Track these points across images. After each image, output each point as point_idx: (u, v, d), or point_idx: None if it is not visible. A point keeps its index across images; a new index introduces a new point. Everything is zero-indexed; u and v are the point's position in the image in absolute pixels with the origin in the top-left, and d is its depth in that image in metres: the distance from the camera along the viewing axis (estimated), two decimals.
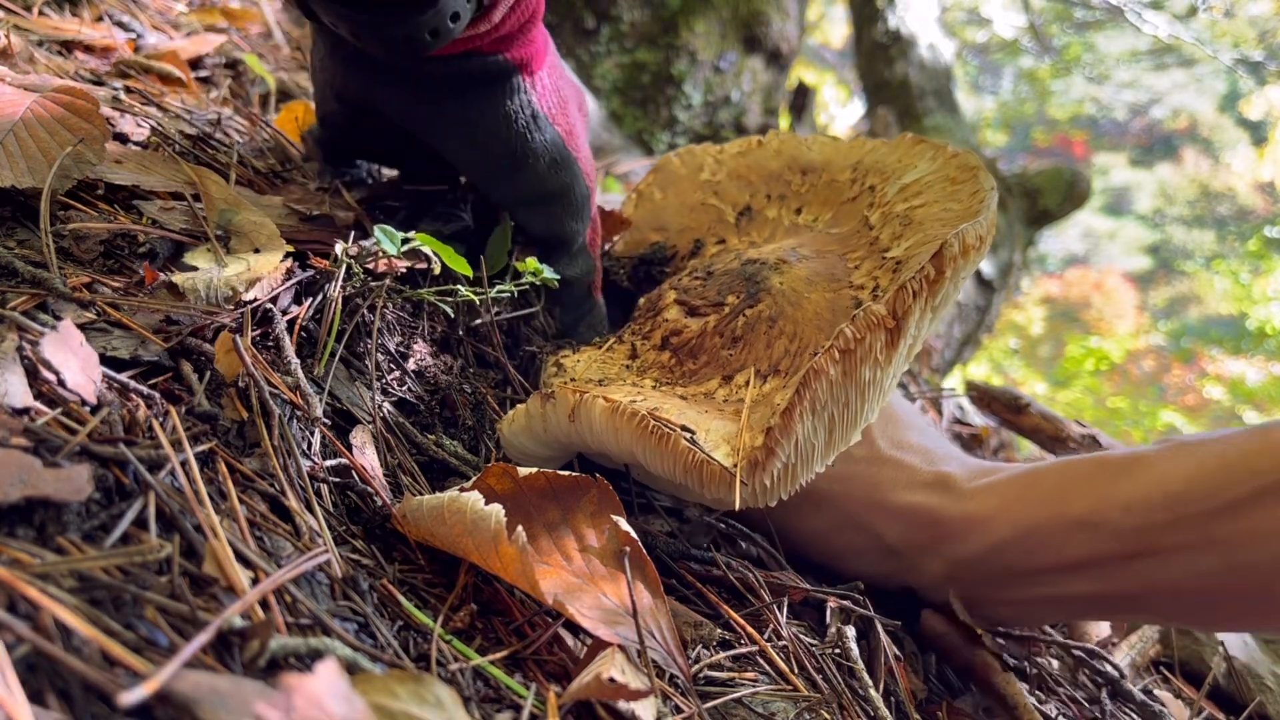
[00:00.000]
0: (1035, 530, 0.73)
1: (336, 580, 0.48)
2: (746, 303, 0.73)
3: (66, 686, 0.32)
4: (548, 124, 0.72)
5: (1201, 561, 0.67)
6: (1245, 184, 10.04)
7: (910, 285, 0.61)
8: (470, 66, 0.66)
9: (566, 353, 0.77)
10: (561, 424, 0.63)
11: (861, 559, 0.80)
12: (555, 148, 0.72)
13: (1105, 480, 0.72)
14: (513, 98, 0.69)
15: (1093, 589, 0.73)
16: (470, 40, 0.64)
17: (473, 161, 0.73)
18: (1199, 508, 0.67)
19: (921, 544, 0.78)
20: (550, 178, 0.73)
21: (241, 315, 0.60)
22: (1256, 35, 8.24)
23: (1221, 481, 0.67)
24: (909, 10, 3.47)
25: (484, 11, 0.63)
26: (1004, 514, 0.75)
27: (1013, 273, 3.00)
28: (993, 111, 10.16)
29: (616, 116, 2.31)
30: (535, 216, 0.77)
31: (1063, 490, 0.73)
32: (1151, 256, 10.76)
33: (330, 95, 0.74)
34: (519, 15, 0.66)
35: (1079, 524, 0.71)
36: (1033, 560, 0.73)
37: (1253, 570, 0.66)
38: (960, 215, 0.70)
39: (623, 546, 0.55)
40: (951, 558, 0.77)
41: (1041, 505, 0.74)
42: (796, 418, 0.58)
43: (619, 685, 0.45)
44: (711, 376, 0.71)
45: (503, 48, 0.67)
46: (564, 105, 0.74)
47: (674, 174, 0.94)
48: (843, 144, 0.89)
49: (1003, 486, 0.76)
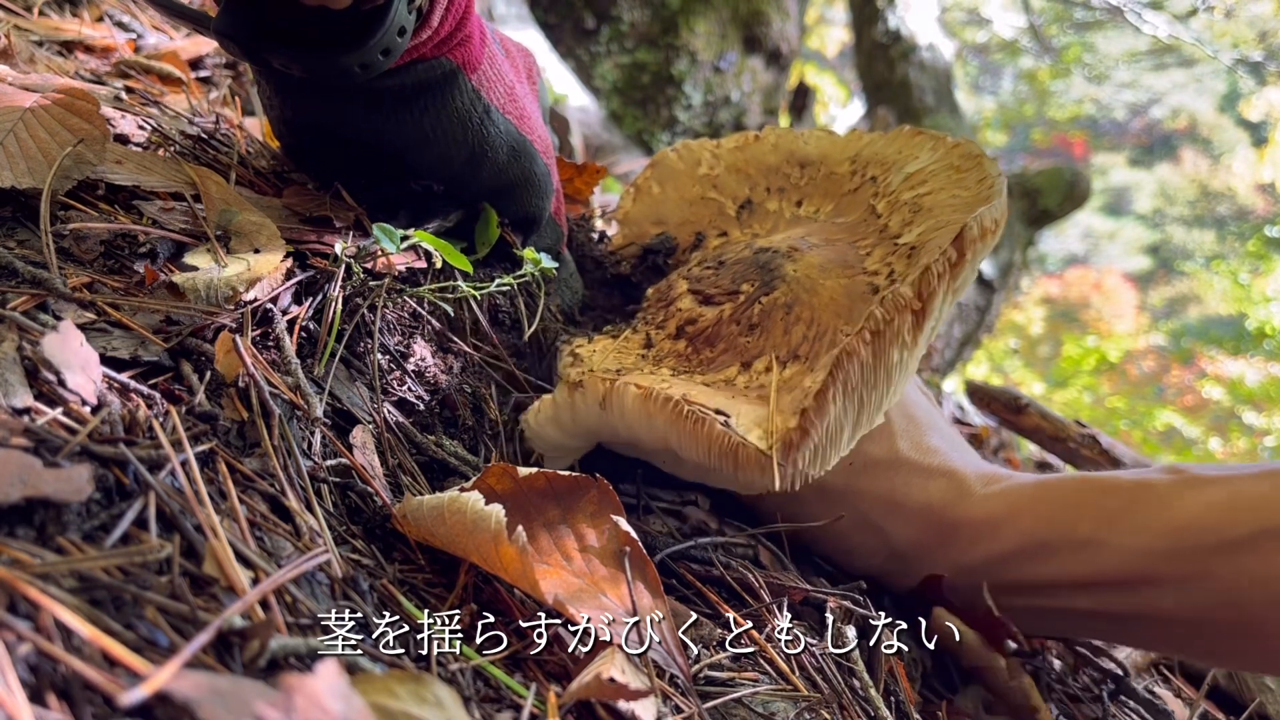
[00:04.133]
0: (1042, 545, 0.75)
1: (336, 580, 0.48)
2: (762, 290, 0.74)
3: (66, 686, 0.32)
4: (500, 115, 0.72)
5: (1196, 594, 0.69)
6: (1245, 184, 10.04)
7: (935, 267, 0.62)
8: (417, 75, 0.67)
9: (581, 342, 0.78)
10: (592, 412, 0.63)
11: (872, 558, 0.81)
12: (510, 136, 0.73)
13: (1114, 504, 0.74)
14: (462, 98, 0.69)
15: (1091, 606, 0.75)
16: (414, 49, 0.65)
17: (435, 164, 0.73)
18: (1201, 542, 0.69)
19: (930, 546, 0.79)
20: (511, 166, 0.75)
21: (241, 315, 0.60)
22: (1256, 35, 8.24)
23: (1225, 519, 0.68)
24: (909, 10, 3.47)
25: (424, 19, 0.63)
26: (1012, 524, 0.76)
27: (1013, 273, 3.00)
28: (993, 112, 10.17)
29: (616, 116, 2.31)
30: (503, 204, 0.78)
31: (1072, 509, 0.75)
32: (1151, 256, 10.77)
33: (285, 130, 0.75)
34: (453, 14, 0.66)
35: (1084, 543, 0.73)
36: (1036, 572, 0.75)
37: (1245, 608, 0.68)
38: (970, 201, 0.70)
39: (623, 546, 0.55)
40: (959, 563, 0.78)
41: (1050, 521, 0.75)
42: (830, 399, 0.59)
43: (619, 685, 0.45)
44: (730, 364, 0.71)
45: (444, 50, 0.67)
46: (511, 92, 0.74)
47: (671, 169, 0.95)
48: (839, 138, 0.89)
49: (1014, 496, 0.77)
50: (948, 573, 0.78)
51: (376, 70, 0.62)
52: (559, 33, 2.32)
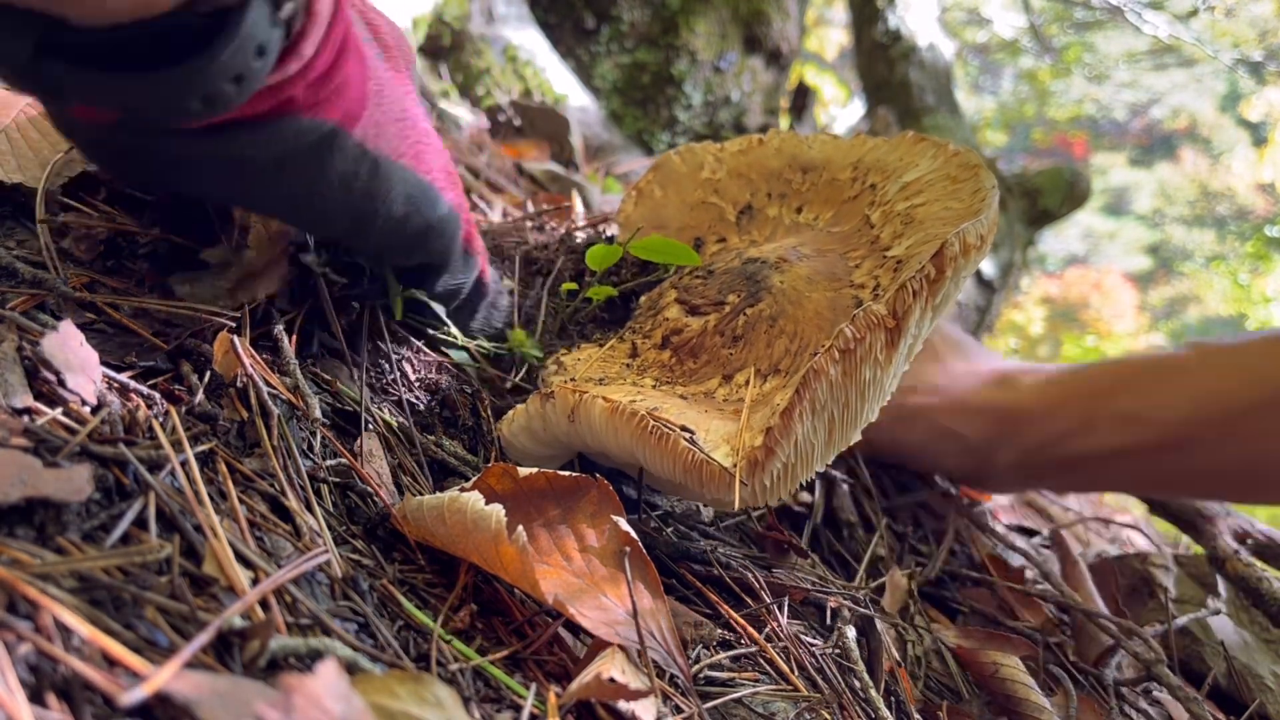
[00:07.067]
0: (1089, 421, 0.92)
1: (336, 580, 0.48)
2: (747, 301, 0.73)
3: (66, 686, 0.32)
4: (392, 165, 0.58)
5: (1224, 453, 0.85)
6: (1245, 184, 10.04)
7: (910, 285, 0.61)
8: (285, 138, 0.51)
9: (565, 350, 0.77)
10: (561, 424, 0.63)
11: (949, 459, 1.01)
12: (407, 185, 0.60)
13: (1148, 381, 0.91)
14: (344, 161, 0.55)
15: (1133, 469, 0.93)
16: (281, 88, 0.48)
17: (312, 227, 0.64)
18: (1227, 406, 0.84)
19: (1000, 437, 0.96)
20: (412, 219, 0.62)
21: (241, 315, 0.60)
22: (1256, 35, 8.24)
23: (1244, 386, 0.84)
24: (909, 10, 3.47)
25: (293, 44, 0.47)
26: (1063, 408, 0.94)
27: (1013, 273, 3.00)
28: (993, 111, 10.16)
29: (616, 116, 2.31)
30: (407, 256, 0.67)
31: (1112, 389, 0.93)
32: (1151, 256, 10.77)
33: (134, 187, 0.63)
34: (332, 42, 0.50)
35: (1125, 418, 0.90)
36: (1086, 445, 0.92)
37: (1265, 459, 0.84)
38: (961, 214, 0.70)
39: (623, 546, 0.55)
40: (1024, 446, 0.95)
41: (1094, 400, 0.93)
42: (796, 418, 0.58)
43: (619, 685, 0.45)
44: (712, 376, 0.70)
45: (319, 99, 0.51)
46: (403, 122, 0.60)
47: (674, 172, 0.94)
48: (843, 142, 0.89)
49: (1060, 383, 0.96)
50: (1014, 455, 0.95)
51: (223, 105, 0.45)
52: (559, 33, 2.32)
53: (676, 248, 0.80)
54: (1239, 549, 1.02)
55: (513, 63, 2.05)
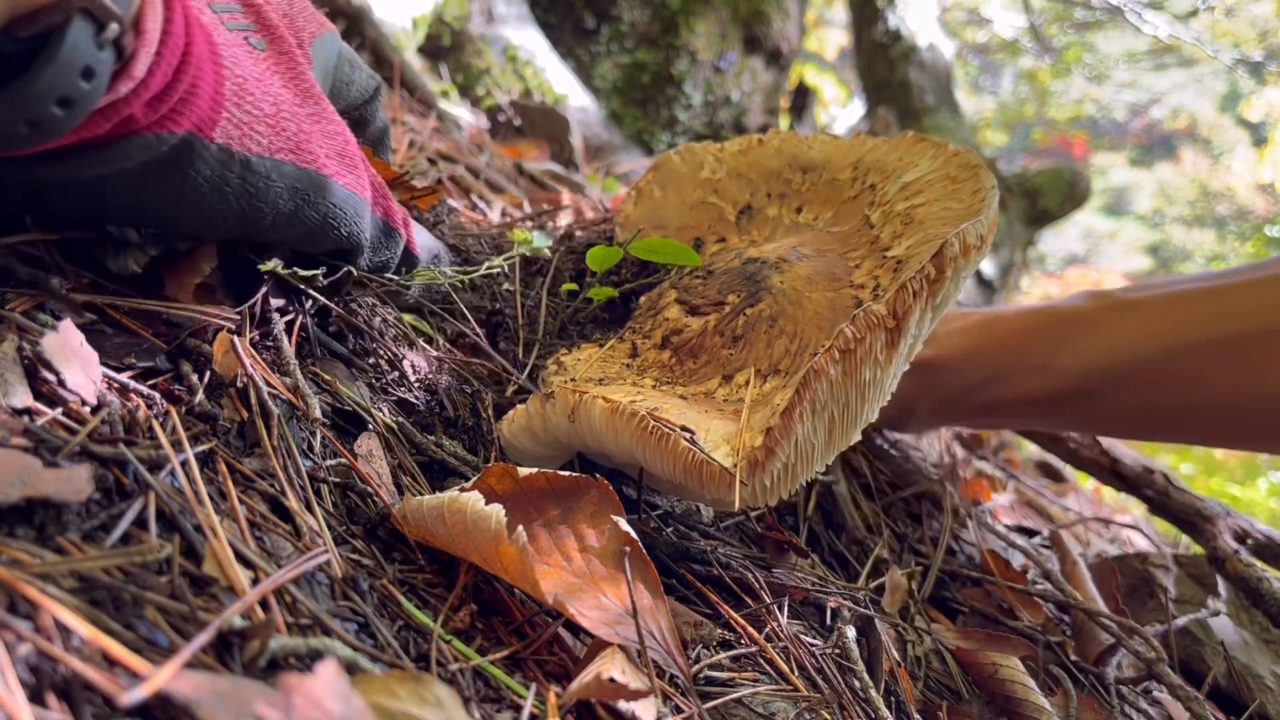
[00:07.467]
0: (1003, 371, 0.98)
1: (336, 580, 0.48)
2: (747, 301, 0.73)
3: (66, 686, 0.32)
4: (267, 162, 0.55)
5: (1124, 400, 0.92)
6: (1245, 184, 10.04)
7: (910, 285, 0.61)
8: (132, 155, 0.48)
9: (565, 350, 0.77)
10: (561, 424, 0.63)
11: (894, 411, 1.01)
12: (288, 179, 0.57)
13: (1056, 333, 0.96)
14: (206, 166, 0.52)
15: (1041, 414, 1.00)
16: (116, 108, 0.46)
17: (198, 232, 0.59)
18: (1127, 357, 0.91)
19: (923, 389, 1.01)
20: (304, 210, 0.59)
21: (241, 316, 0.60)
22: (1256, 35, 8.24)
23: (1143, 340, 0.91)
24: (909, 10, 3.47)
25: (124, 64, 0.45)
26: (979, 356, 1.00)
27: (1013, 272, 3.01)
28: (993, 111, 10.16)
29: (616, 116, 2.31)
30: (315, 246, 0.64)
31: (1023, 338, 0.98)
32: (1151, 256, 10.77)
33: None
34: (169, 55, 0.48)
35: (1037, 368, 0.96)
36: (1001, 394, 0.98)
37: (1161, 408, 0.92)
38: (961, 214, 0.70)
39: (623, 546, 0.55)
40: (939, 395, 1.01)
41: (1006, 350, 0.98)
42: (796, 418, 0.58)
43: (619, 685, 0.45)
44: (712, 376, 0.70)
45: (162, 112, 0.49)
46: (277, 116, 0.56)
47: (674, 172, 0.94)
48: (843, 142, 0.89)
49: (974, 333, 1.01)
50: (933, 403, 1.01)
51: (54, 128, 0.43)
52: (559, 33, 2.33)
53: (676, 248, 0.80)
54: (1239, 549, 1.02)
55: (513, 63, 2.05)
